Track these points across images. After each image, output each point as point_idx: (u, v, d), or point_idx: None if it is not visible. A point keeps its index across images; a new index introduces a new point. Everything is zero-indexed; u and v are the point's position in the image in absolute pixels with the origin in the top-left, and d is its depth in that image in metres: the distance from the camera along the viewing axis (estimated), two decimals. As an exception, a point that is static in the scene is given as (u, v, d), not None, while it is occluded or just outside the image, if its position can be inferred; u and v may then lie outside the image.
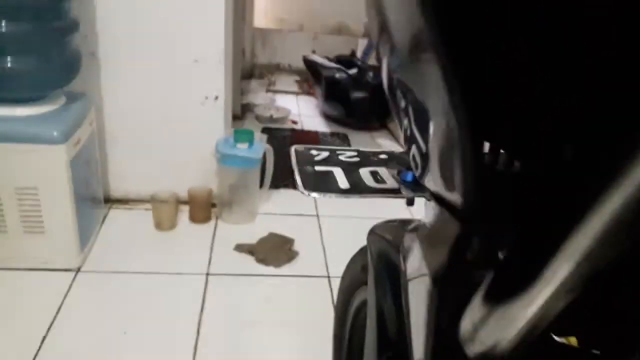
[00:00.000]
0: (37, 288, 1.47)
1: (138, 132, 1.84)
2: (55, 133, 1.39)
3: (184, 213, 1.88)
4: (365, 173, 0.59)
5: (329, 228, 1.92)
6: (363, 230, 0.80)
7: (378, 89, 2.58)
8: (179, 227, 1.83)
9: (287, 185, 2.14)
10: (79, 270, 1.55)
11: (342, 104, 2.91)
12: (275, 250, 1.75)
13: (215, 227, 1.86)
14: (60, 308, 1.40)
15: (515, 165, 0.34)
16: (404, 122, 0.41)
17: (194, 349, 1.32)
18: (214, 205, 1.91)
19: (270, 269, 1.67)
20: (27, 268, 1.51)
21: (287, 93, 3.55)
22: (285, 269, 1.68)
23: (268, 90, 3.52)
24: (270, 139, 2.08)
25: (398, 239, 0.58)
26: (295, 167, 0.64)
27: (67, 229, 1.48)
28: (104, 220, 1.81)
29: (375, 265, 0.68)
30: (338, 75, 2.93)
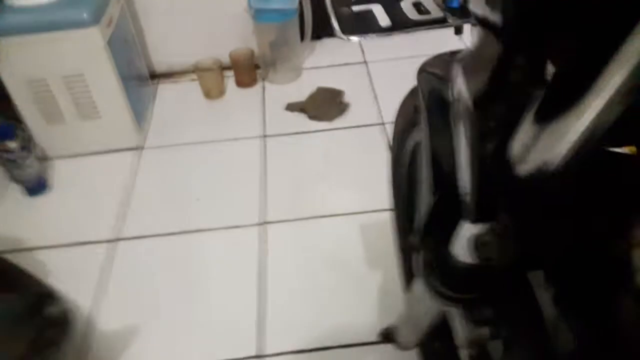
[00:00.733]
0: (107, 169, 1.56)
1: (168, 1, 1.76)
2: (86, 15, 1.35)
3: (230, 79, 1.86)
4: (407, 6, 0.53)
5: (379, 73, 1.85)
6: (414, 71, 0.75)
7: None
8: (228, 93, 1.83)
9: (330, 34, 2.04)
10: (142, 148, 1.62)
11: None
12: (326, 105, 1.72)
13: (263, 89, 1.84)
14: (133, 184, 1.50)
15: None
16: None
17: (265, 206, 1.39)
18: (258, 67, 1.87)
19: (324, 124, 1.66)
20: (92, 152, 1.59)
21: None
22: (339, 122, 1.67)
23: None
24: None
25: (448, 73, 0.53)
26: (331, 10, 0.58)
27: (120, 110, 1.52)
28: (155, 97, 1.84)
29: (427, 103, 0.64)
30: None
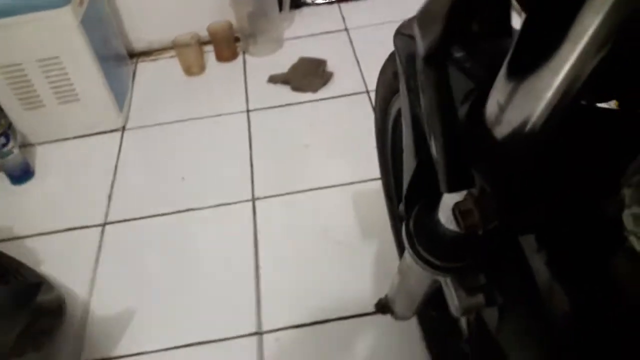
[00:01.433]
0: (90, 152, 1.54)
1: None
2: (55, -5, 1.31)
3: (210, 54, 1.83)
4: None
5: (360, 40, 1.82)
6: (395, 36, 0.73)
7: None
8: (208, 68, 1.80)
9: (308, 2, 2.00)
10: (125, 129, 1.59)
11: None
12: (309, 75, 1.70)
13: (244, 62, 1.81)
14: (117, 166, 1.48)
15: None
16: None
17: (253, 182, 1.38)
18: (238, 40, 1.83)
19: (308, 95, 1.65)
20: (74, 136, 1.57)
21: None
22: (323, 92, 1.65)
23: None
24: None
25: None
26: None
27: (99, 91, 1.49)
28: (134, 76, 1.80)
29: (405, 68, 0.63)
30: None
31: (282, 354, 1.04)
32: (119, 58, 1.71)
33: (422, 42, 0.27)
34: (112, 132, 1.58)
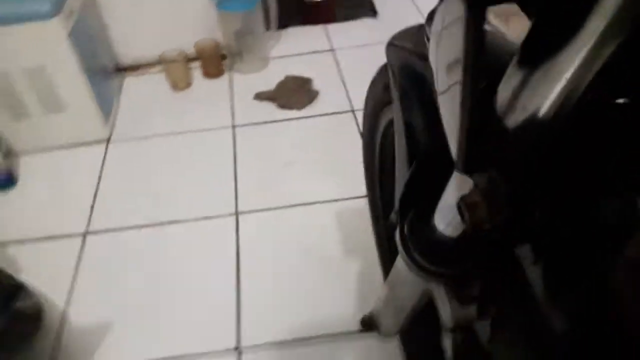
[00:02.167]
0: (74, 162, 1.52)
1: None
2: (45, 7, 1.31)
3: (197, 70, 1.84)
4: None
5: (346, 61, 1.85)
6: (381, 57, 0.75)
7: None
8: (195, 84, 1.80)
9: (295, 22, 2.03)
10: (109, 141, 1.58)
11: None
12: (296, 93, 1.72)
13: (231, 79, 1.82)
14: (101, 177, 1.47)
15: None
16: None
17: (237, 196, 1.38)
18: (225, 57, 1.85)
19: (294, 112, 1.66)
20: (59, 146, 1.55)
21: None
22: (309, 110, 1.66)
23: None
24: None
25: (420, 44, 0.53)
26: None
27: (86, 103, 1.48)
28: (121, 90, 1.80)
29: (398, 78, 0.65)
30: None
31: (263, 369, 1.03)
32: (106, 71, 1.71)
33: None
34: (96, 143, 1.57)
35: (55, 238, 1.30)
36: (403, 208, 0.54)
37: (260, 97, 1.72)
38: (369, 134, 0.97)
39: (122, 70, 1.86)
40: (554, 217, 0.38)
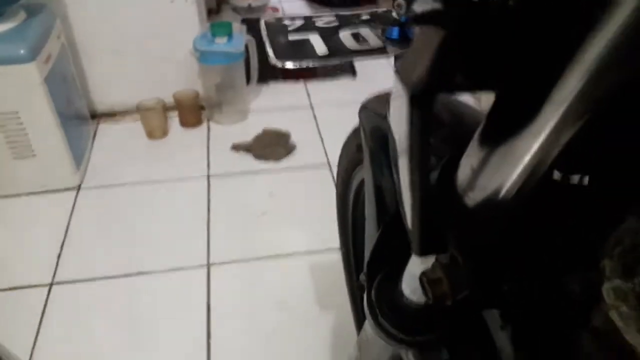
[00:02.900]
0: (42, 210, 1.47)
1: (110, 40, 1.74)
2: (22, 51, 1.31)
3: (174, 119, 1.84)
4: (346, 36, 0.54)
5: (325, 117, 1.88)
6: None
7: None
8: (171, 133, 1.80)
9: (276, 77, 2.06)
10: (80, 188, 1.55)
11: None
12: (273, 146, 1.72)
13: (208, 129, 1.82)
14: (69, 225, 1.42)
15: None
16: None
17: (207, 246, 1.35)
18: (203, 108, 1.86)
19: (271, 165, 1.66)
20: (27, 193, 1.51)
21: (263, -20, 3.30)
22: (285, 163, 1.67)
23: (243, -20, 3.27)
24: (251, 31, 1.96)
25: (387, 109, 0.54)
26: (266, 39, 0.58)
27: (57, 149, 1.45)
28: (95, 136, 1.78)
29: (369, 142, 0.65)
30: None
31: None
32: (81, 117, 1.70)
33: (407, 83, 0.27)
34: (66, 190, 1.53)
35: (20, 288, 1.24)
36: (371, 272, 0.53)
37: (237, 148, 1.73)
38: (343, 192, 0.97)
39: (97, 117, 1.85)
40: (520, 290, 0.38)
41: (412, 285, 0.45)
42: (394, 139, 0.33)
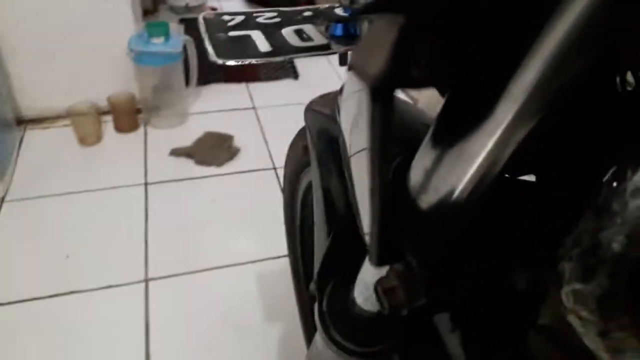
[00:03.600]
0: (-41, 225, 1.35)
1: (38, 40, 1.62)
2: None
3: (109, 124, 1.74)
4: (289, 32, 0.51)
5: (268, 118, 1.84)
6: (303, 116, 0.74)
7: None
8: (105, 139, 1.70)
9: (217, 79, 2.01)
10: (4, 200, 1.43)
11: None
12: (215, 150, 1.67)
13: (146, 134, 1.74)
14: (-8, 242, 1.31)
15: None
16: None
17: (145, 261, 1.28)
18: (140, 112, 1.77)
19: (213, 169, 1.61)
20: (-58, 207, 1.38)
21: (201, -20, 3.23)
22: (228, 167, 1.62)
23: (180, -21, 3.18)
24: (190, 31, 1.90)
25: (336, 110, 0.52)
26: (205, 35, 0.54)
27: (-23, 158, 1.34)
28: (21, 144, 1.65)
29: (316, 143, 0.63)
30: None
31: None
32: (5, 124, 1.58)
33: (366, 77, 0.25)
34: (-12, 203, 1.41)
35: None
36: (321, 281, 0.50)
37: (177, 153, 1.66)
38: (290, 195, 0.94)
39: (24, 123, 1.73)
40: (472, 291, 0.37)
41: (365, 294, 0.43)
42: (346, 141, 0.31)
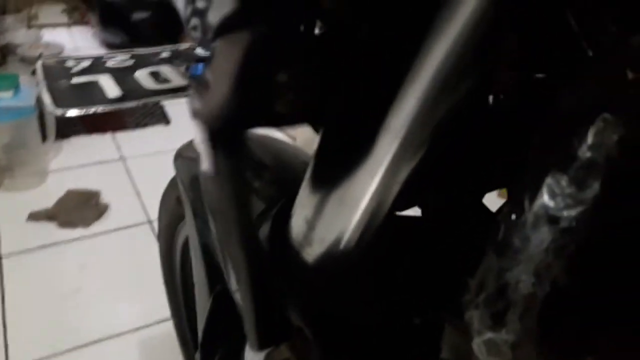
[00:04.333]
0: None
1: None
2: None
3: (-52, 191, 1.51)
4: (143, 75, 0.47)
5: (139, 169, 1.73)
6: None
7: (162, 4, 2.33)
8: (-55, 209, 1.47)
9: (78, 132, 1.85)
10: None
11: (123, 29, 2.57)
12: (80, 209, 1.52)
13: (-3, 198, 1.54)
14: None
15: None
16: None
17: (5, 349, 1.09)
18: (-12, 173, 1.57)
19: (79, 231, 1.45)
20: None
21: (55, 26, 3.03)
22: (97, 227, 1.47)
23: (30, 26, 2.95)
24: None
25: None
26: (43, 84, 0.47)
27: None
28: None
29: (189, 193, 0.57)
30: (111, -4, 2.57)
31: None
32: None
33: (205, 120, 0.21)
34: None
35: None
36: (205, 353, 0.44)
37: (36, 217, 1.48)
38: (167, 253, 0.86)
39: None
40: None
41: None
42: (206, 195, 0.27)
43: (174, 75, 0.49)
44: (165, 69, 0.50)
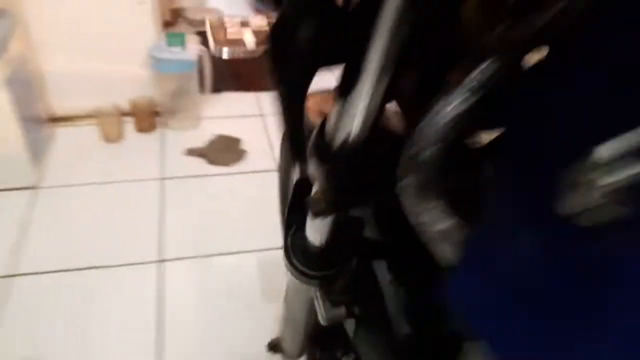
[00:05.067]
0: (1, 207, 1.54)
1: (70, 45, 1.81)
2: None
3: (130, 124, 1.92)
4: None
5: (274, 126, 2.00)
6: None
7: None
8: (127, 137, 1.88)
9: (228, 87, 2.18)
10: (38, 187, 1.61)
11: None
12: (225, 151, 1.84)
13: (163, 135, 1.92)
14: (27, 221, 1.49)
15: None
16: None
17: (163, 244, 1.44)
18: (158, 114, 1.96)
19: (223, 168, 1.77)
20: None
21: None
22: (237, 167, 1.78)
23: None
24: (205, 43, 2.08)
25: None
26: (209, 33, 0.66)
27: (16, 148, 1.52)
28: (53, 139, 1.84)
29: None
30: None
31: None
32: (39, 119, 1.77)
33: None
34: (23, 189, 1.59)
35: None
36: (286, 227, 0.66)
37: (191, 152, 1.83)
38: (283, 187, 1.08)
39: (55, 120, 1.92)
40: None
41: (312, 235, 0.59)
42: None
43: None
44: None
